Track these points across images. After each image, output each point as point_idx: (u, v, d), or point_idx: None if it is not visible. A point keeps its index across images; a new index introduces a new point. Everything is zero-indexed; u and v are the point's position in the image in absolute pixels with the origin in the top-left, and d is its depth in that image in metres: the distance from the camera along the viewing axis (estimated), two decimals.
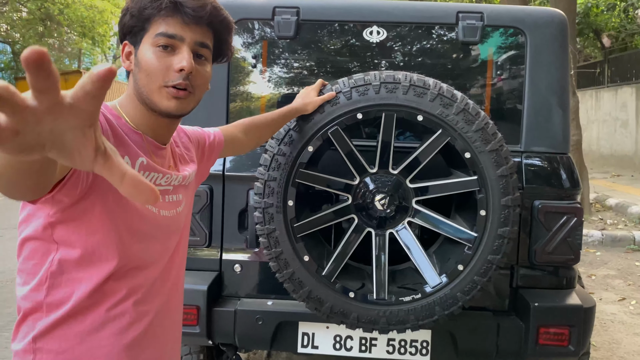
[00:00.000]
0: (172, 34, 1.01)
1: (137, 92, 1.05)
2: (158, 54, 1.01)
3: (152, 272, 1.09)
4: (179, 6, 1.00)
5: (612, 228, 6.53)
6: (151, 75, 1.01)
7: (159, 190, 1.01)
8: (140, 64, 1.03)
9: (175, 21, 1.01)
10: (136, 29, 1.03)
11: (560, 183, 2.04)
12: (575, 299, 1.99)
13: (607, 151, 12.35)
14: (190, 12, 1.00)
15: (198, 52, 1.04)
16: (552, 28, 2.10)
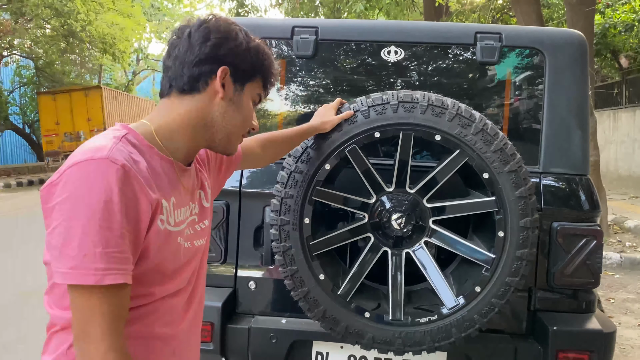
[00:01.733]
0: (262, 98, 1.18)
1: (217, 124, 1.10)
2: (251, 107, 1.15)
3: (180, 296, 1.12)
4: (272, 77, 1.17)
5: (631, 251, 6.41)
6: (245, 123, 1.14)
7: (190, 220, 1.10)
8: (242, 108, 1.12)
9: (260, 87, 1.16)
10: (247, 72, 1.11)
11: (579, 205, 2.01)
12: (595, 323, 1.95)
13: (625, 172, 12.18)
14: (270, 86, 1.18)
15: None
16: (572, 49, 2.09)
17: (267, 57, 1.13)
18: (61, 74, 20.33)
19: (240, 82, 1.10)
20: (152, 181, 1.00)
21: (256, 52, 1.11)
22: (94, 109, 17.22)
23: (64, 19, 16.26)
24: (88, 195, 0.89)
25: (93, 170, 0.90)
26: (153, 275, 1.03)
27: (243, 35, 1.10)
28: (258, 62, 1.11)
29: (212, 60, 1.06)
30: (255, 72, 1.12)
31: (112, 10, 17.52)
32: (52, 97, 17.33)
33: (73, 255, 0.88)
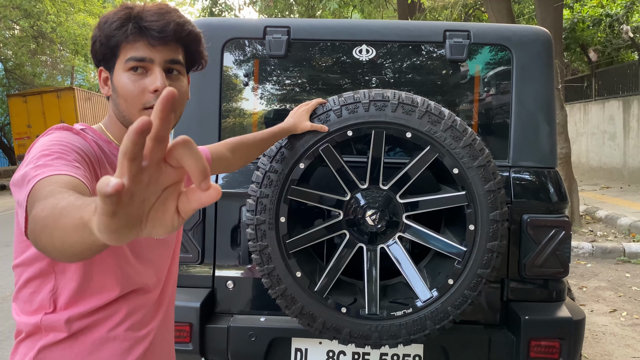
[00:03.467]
0: (141, 57, 1.03)
1: (120, 116, 1.08)
2: (131, 78, 1.04)
3: (150, 294, 1.12)
4: (143, 30, 1.03)
5: (602, 240, 6.58)
6: (129, 99, 1.05)
7: None
8: (117, 89, 1.06)
9: (142, 44, 1.03)
10: (107, 55, 1.06)
11: (548, 197, 2.07)
12: (565, 311, 2.02)
13: (596, 163, 12.48)
14: (155, 34, 1.02)
15: (170, 68, 1.07)
16: (538, 45, 2.15)
17: (110, 22, 1.04)
18: (32, 76, 19.91)
19: (111, 70, 1.08)
20: (108, 167, 1.03)
21: (102, 33, 1.05)
22: (67, 110, 16.90)
23: (34, 20, 15.93)
24: (48, 143, 0.94)
25: (52, 134, 0.98)
26: (126, 266, 1.04)
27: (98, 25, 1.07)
28: (107, 40, 1.04)
29: (97, 66, 1.11)
30: (112, 50, 1.05)
31: (83, 11, 17.22)
32: (23, 99, 16.96)
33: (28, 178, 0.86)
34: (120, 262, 1.04)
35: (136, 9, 1.04)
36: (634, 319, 4.18)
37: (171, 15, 1.04)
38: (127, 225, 0.55)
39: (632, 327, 4.01)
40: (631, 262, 5.88)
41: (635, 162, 10.89)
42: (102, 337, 1.03)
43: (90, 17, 17.29)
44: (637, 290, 4.94)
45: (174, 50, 1.06)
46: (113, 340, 1.05)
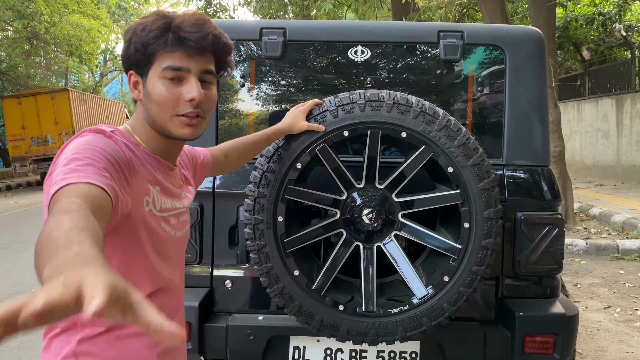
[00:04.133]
0: (178, 67, 1.07)
1: (151, 121, 1.11)
2: (167, 86, 1.07)
3: (174, 291, 1.17)
4: (182, 40, 1.06)
5: (596, 237, 6.63)
6: (162, 106, 1.08)
7: (174, 213, 1.12)
8: (150, 95, 1.09)
9: (180, 54, 1.07)
10: (141, 62, 1.09)
11: (541, 195, 2.10)
12: (559, 307, 2.05)
13: (589, 161, 12.56)
14: (194, 45, 1.06)
15: (203, 78, 1.11)
16: (530, 45, 2.18)
17: (149, 30, 1.05)
18: (26, 77, 19.84)
19: (144, 75, 1.10)
20: (141, 166, 1.07)
21: (139, 40, 1.06)
22: (62, 112, 16.86)
23: (27, 21, 15.88)
24: (80, 146, 0.96)
25: (84, 137, 0.99)
26: (143, 263, 1.07)
27: (133, 31, 1.08)
28: (144, 47, 1.07)
29: (127, 70, 1.13)
30: (147, 57, 1.07)
31: (77, 12, 17.17)
32: (17, 101, 16.90)
33: (60, 178, 0.88)
34: (148, 260, 1.08)
35: (175, 19, 1.07)
36: (627, 315, 4.23)
37: (208, 26, 1.08)
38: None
39: (625, 323, 4.05)
40: (625, 259, 5.94)
41: (628, 160, 10.96)
42: (133, 331, 1.06)
43: (84, 18, 17.24)
44: (631, 286, 4.99)
45: (208, 61, 1.11)
46: (142, 335, 1.07)
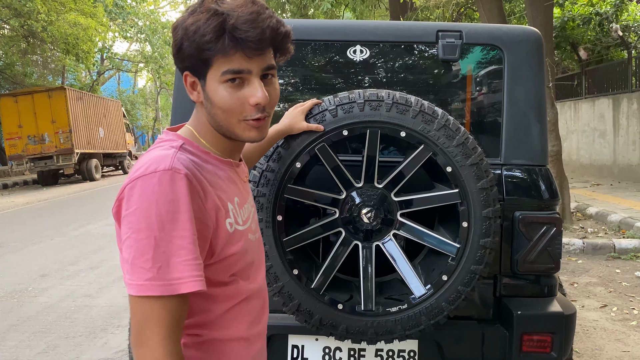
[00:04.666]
0: (238, 70, 1.00)
1: (216, 125, 1.06)
2: (229, 90, 1.01)
3: (259, 298, 1.18)
4: (240, 42, 0.98)
5: (593, 236, 6.66)
6: (227, 112, 1.02)
7: (251, 216, 1.14)
8: (212, 100, 1.02)
9: (238, 56, 0.99)
10: (198, 65, 1.01)
11: (539, 194, 2.11)
12: (557, 306, 2.05)
13: (586, 161, 12.60)
14: (253, 46, 0.98)
15: (265, 74, 1.04)
16: (529, 45, 2.19)
17: (202, 33, 0.97)
18: (22, 76, 19.79)
19: (202, 77, 1.03)
20: (216, 186, 1.02)
21: (193, 44, 0.99)
22: (58, 110, 16.83)
23: (24, 19, 15.83)
24: (156, 207, 0.91)
25: (157, 182, 0.92)
26: (234, 274, 1.08)
27: (184, 30, 1.00)
28: (198, 52, 0.99)
29: (182, 71, 1.06)
30: (203, 58, 1.00)
31: (73, 10, 17.12)
32: (13, 99, 16.86)
33: (147, 267, 0.89)
34: (238, 278, 1.10)
35: (229, 19, 0.97)
36: (624, 314, 4.25)
37: (264, 20, 0.99)
38: None
39: (622, 322, 4.07)
40: (621, 258, 5.96)
41: (624, 160, 11.00)
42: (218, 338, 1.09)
43: (81, 17, 17.20)
44: (627, 285, 5.01)
45: (268, 56, 1.04)
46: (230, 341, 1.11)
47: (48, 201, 12.69)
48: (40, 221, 9.45)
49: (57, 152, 16.84)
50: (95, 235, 7.90)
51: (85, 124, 18.28)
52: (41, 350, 3.68)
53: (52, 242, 7.44)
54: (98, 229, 8.43)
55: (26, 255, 6.70)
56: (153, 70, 31.19)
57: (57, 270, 5.89)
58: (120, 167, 22.35)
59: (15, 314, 4.46)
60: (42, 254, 6.70)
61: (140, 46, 29.24)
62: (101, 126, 19.70)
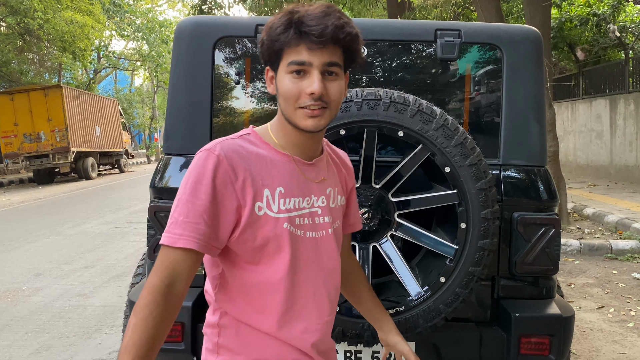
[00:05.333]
0: (301, 61, 1.10)
1: (282, 114, 1.17)
2: (292, 80, 1.11)
3: (306, 291, 1.21)
4: (303, 35, 1.08)
5: (590, 237, 6.65)
6: (287, 99, 1.13)
7: (302, 213, 1.21)
8: (279, 90, 1.15)
9: (302, 48, 1.10)
10: (272, 58, 1.14)
11: (538, 195, 2.09)
12: (555, 308, 2.03)
13: (583, 161, 12.61)
14: (314, 39, 1.08)
15: (328, 70, 1.12)
16: (528, 44, 2.16)
17: (275, 27, 1.11)
18: (19, 73, 19.71)
19: (276, 71, 1.16)
20: (257, 171, 1.14)
21: (268, 37, 1.12)
22: (55, 108, 16.76)
23: (20, 17, 15.76)
24: (188, 177, 1.12)
25: (197, 159, 1.13)
26: (261, 257, 1.16)
27: (265, 28, 1.14)
28: (271, 44, 1.12)
29: (265, 65, 1.19)
30: (276, 53, 1.13)
31: (70, 8, 17.05)
32: (9, 97, 16.78)
33: (168, 222, 1.10)
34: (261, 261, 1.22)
35: (298, 13, 1.09)
36: (621, 315, 4.24)
37: (330, 18, 1.08)
38: None
39: (619, 324, 4.06)
40: (618, 259, 5.96)
41: (621, 160, 11.01)
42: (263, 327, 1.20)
43: (77, 14, 17.13)
44: (624, 286, 5.01)
45: (332, 53, 1.11)
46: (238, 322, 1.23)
47: (44, 200, 12.63)
48: (36, 220, 9.40)
49: (53, 151, 16.78)
50: (90, 234, 7.86)
51: (82, 122, 18.21)
52: (34, 350, 3.64)
53: (47, 241, 7.39)
54: (94, 227, 8.39)
55: (21, 254, 6.66)
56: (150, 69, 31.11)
57: (52, 269, 5.85)
58: (117, 166, 22.28)
59: (9, 313, 4.42)
60: (37, 253, 6.66)
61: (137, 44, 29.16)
62: (98, 125, 19.63)
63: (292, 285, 1.18)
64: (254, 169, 1.14)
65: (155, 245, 2.05)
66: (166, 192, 2.11)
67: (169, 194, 2.11)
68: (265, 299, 1.17)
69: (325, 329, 1.24)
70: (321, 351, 1.24)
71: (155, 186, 2.12)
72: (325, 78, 1.11)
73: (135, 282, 2.66)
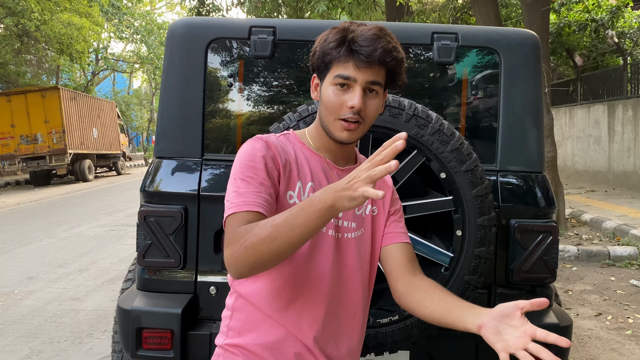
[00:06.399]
0: (347, 76, 1.18)
1: (320, 120, 1.26)
2: (336, 92, 1.20)
3: (322, 285, 1.23)
4: (354, 53, 1.17)
5: (588, 243, 6.62)
6: (329, 109, 1.21)
7: None
8: (322, 98, 1.24)
9: (350, 65, 1.18)
10: (321, 67, 1.23)
11: (535, 202, 2.05)
12: (553, 317, 2.00)
13: (581, 167, 12.59)
14: (363, 58, 1.16)
15: (370, 88, 1.20)
16: (526, 49, 2.13)
17: (329, 41, 1.20)
18: (16, 75, 19.66)
19: (322, 79, 1.24)
20: (294, 164, 1.24)
21: (320, 49, 1.21)
22: (52, 110, 16.71)
23: (17, 18, 15.72)
24: (239, 159, 1.20)
25: (246, 144, 1.23)
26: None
27: (319, 39, 1.24)
28: (323, 56, 1.21)
29: (313, 72, 1.29)
30: (325, 65, 1.21)
31: (68, 10, 17.01)
32: (6, 99, 16.72)
33: (230, 197, 1.16)
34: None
35: (353, 33, 1.18)
36: (619, 323, 4.20)
37: (381, 41, 1.16)
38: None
39: (617, 331, 4.02)
40: (616, 266, 5.92)
41: (619, 166, 11.00)
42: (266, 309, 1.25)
43: (75, 16, 17.09)
44: (622, 294, 4.97)
45: (376, 73, 1.19)
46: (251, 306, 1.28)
47: (39, 202, 12.57)
48: (31, 222, 9.34)
49: (50, 153, 16.71)
50: (85, 237, 7.80)
51: (79, 124, 18.16)
52: (24, 355, 3.59)
53: (41, 244, 7.33)
54: (89, 230, 8.33)
55: (14, 257, 6.60)
56: (148, 72, 31.11)
57: (45, 272, 5.79)
58: (114, 168, 22.21)
59: (0, 317, 4.36)
60: (30, 256, 6.60)
61: (135, 47, 29.14)
62: (95, 127, 19.58)
63: (306, 276, 1.21)
64: (291, 161, 1.24)
65: (145, 251, 2.01)
66: (157, 196, 2.07)
67: (159, 198, 2.07)
68: (279, 283, 1.21)
69: (335, 329, 1.26)
70: (327, 353, 1.24)
71: (146, 190, 2.08)
72: (366, 95, 1.20)
73: (125, 287, 2.62)
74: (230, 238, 1.08)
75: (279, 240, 1.01)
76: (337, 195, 0.96)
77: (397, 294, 1.30)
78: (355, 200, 0.94)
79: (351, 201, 0.95)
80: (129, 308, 1.96)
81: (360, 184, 0.94)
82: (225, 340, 1.26)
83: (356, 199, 0.94)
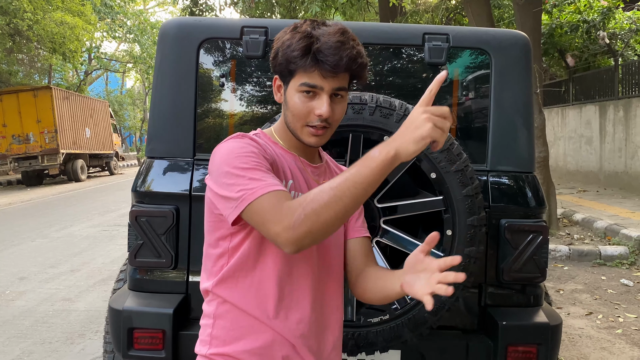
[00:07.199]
0: (313, 85, 1.18)
1: (287, 124, 1.26)
2: (302, 99, 1.20)
3: (305, 281, 1.24)
4: (319, 62, 1.16)
5: (579, 243, 6.66)
6: (296, 116, 1.22)
7: None
8: (288, 104, 1.23)
9: (316, 74, 1.18)
10: (284, 73, 1.22)
11: (526, 202, 2.07)
12: (542, 316, 2.01)
13: (573, 167, 12.67)
14: (329, 68, 1.16)
15: (335, 93, 1.21)
16: (516, 50, 2.14)
17: (293, 49, 1.17)
18: (8, 74, 19.53)
19: (286, 83, 1.23)
20: (276, 161, 1.23)
21: (283, 55, 1.19)
22: (44, 110, 16.61)
23: (9, 18, 15.62)
24: (231, 152, 1.16)
25: (229, 141, 1.20)
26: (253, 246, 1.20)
27: (281, 42, 1.21)
28: (287, 63, 1.19)
29: (274, 73, 1.27)
30: (290, 72, 1.20)
31: (61, 9, 16.91)
32: None
33: (239, 189, 1.11)
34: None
35: (318, 43, 1.16)
36: (609, 322, 4.23)
37: (346, 49, 1.16)
38: None
39: (607, 330, 4.05)
40: (607, 265, 5.96)
41: (611, 166, 11.07)
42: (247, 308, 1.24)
43: (68, 15, 16.99)
44: (613, 293, 5.01)
45: (342, 79, 1.20)
46: (232, 306, 1.26)
47: (31, 202, 12.50)
48: (22, 222, 9.28)
49: (42, 152, 16.61)
50: (78, 237, 7.77)
51: (72, 124, 18.06)
52: (15, 356, 3.57)
53: (33, 244, 7.29)
54: (81, 230, 8.30)
55: (5, 257, 6.56)
56: (141, 71, 30.99)
57: (37, 273, 5.76)
58: (107, 168, 22.11)
59: None
60: (21, 256, 6.56)
61: (128, 46, 29.02)
62: (88, 126, 19.48)
63: (290, 274, 1.22)
64: (275, 157, 1.24)
65: (137, 251, 2.01)
66: (148, 196, 2.07)
67: (151, 198, 2.06)
68: (265, 284, 1.20)
69: (320, 325, 1.26)
70: (314, 351, 1.24)
71: (137, 190, 2.08)
72: (332, 100, 1.20)
73: (117, 287, 2.61)
74: (279, 214, 1.05)
75: (344, 200, 1.02)
76: (401, 142, 1.02)
77: (351, 284, 1.36)
78: (423, 140, 1.01)
79: (419, 142, 1.01)
80: (120, 308, 1.96)
81: (423, 122, 1.02)
82: (210, 350, 1.24)
83: (425, 138, 1.01)
